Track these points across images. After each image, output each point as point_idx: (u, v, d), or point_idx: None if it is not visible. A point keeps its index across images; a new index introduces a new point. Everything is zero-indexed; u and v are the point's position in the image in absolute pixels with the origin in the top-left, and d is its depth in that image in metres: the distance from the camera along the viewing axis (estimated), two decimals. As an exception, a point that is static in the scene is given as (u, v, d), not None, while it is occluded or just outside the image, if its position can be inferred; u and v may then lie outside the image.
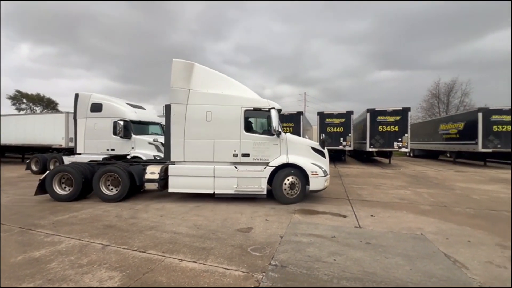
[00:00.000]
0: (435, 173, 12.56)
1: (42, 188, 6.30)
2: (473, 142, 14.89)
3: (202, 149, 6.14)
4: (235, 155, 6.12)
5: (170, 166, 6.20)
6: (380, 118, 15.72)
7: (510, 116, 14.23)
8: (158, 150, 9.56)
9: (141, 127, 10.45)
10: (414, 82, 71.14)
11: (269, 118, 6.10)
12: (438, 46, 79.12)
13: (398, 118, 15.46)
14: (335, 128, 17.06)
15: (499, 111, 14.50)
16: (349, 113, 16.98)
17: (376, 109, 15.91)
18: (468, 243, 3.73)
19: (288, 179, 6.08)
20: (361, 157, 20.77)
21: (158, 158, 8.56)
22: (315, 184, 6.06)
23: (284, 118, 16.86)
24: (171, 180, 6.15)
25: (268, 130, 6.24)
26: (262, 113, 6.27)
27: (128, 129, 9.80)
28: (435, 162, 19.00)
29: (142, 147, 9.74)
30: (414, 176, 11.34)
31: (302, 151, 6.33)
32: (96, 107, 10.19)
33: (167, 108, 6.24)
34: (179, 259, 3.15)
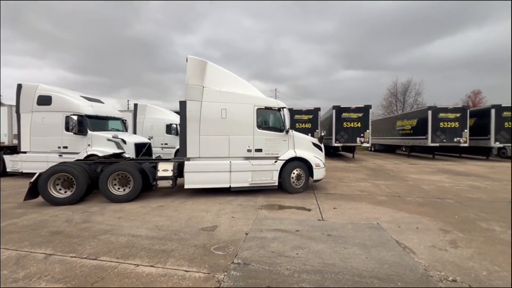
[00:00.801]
0: (392, 166, 13.64)
1: (33, 192, 5.55)
2: (424, 137, 16.47)
3: (217, 145, 6.34)
4: (249, 150, 6.51)
5: (187, 163, 6.15)
6: (344, 114, 16.57)
7: (454, 114, 15.99)
8: (119, 147, 8.89)
9: (99, 122, 9.55)
10: (376, 82, 76.41)
11: (280, 117, 6.75)
12: (395, 49, 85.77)
13: (360, 115, 16.43)
14: (304, 124, 17.56)
15: (445, 110, 16.21)
16: (317, 109, 17.60)
17: (341, 106, 16.72)
18: (416, 229, 4.08)
19: (295, 172, 6.75)
20: (328, 152, 21.74)
21: (127, 155, 8.09)
22: (318, 174, 6.90)
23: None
24: (187, 177, 6.12)
25: (277, 127, 6.77)
26: (272, 111, 6.77)
27: (83, 124, 8.93)
28: (392, 156, 20.67)
29: (100, 144, 8.96)
30: (374, 169, 12.18)
31: (305, 146, 7.07)
32: (44, 100, 9.10)
33: (182, 104, 6.20)
34: (135, 264, 2.93)
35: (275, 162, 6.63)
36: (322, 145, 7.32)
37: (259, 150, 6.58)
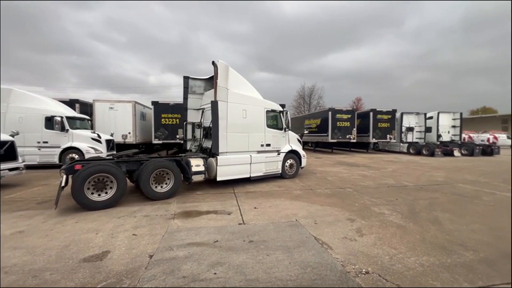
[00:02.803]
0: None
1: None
2: (325, 134, 19.13)
3: (240, 141, 7.20)
4: (262, 145, 7.68)
5: (220, 158, 6.64)
6: None
7: (346, 115, 19.24)
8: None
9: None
10: (286, 85, 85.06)
11: (281, 118, 8.25)
12: (299, 58, 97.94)
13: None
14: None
15: (341, 111, 19.30)
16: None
17: None
18: (329, 222, 4.29)
19: (288, 161, 8.46)
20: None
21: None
22: (304, 162, 9.01)
23: (170, 109, 15.26)
24: (220, 170, 6.62)
25: (279, 126, 8.21)
26: (275, 113, 8.18)
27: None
28: (302, 151, 23.15)
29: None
30: (288, 164, 13.08)
31: (295, 141, 8.84)
32: None
33: (214, 104, 6.61)
34: None
35: (278, 154, 8.12)
36: (301, 140, 9.55)
37: (268, 145, 7.84)
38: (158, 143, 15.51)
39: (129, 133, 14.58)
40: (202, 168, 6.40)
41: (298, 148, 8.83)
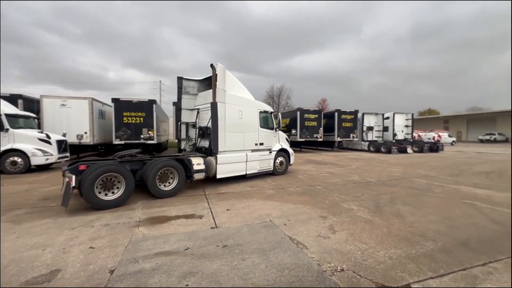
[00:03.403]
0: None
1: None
2: (295, 133, 19.63)
3: (236, 140, 7.48)
4: (256, 144, 8.11)
5: (219, 156, 6.92)
6: None
7: (313, 115, 19.98)
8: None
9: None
10: (255, 84, 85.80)
11: (272, 118, 8.82)
12: (268, 58, 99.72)
13: None
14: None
15: (308, 111, 19.96)
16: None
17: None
18: (303, 221, 4.32)
19: (279, 159, 9.01)
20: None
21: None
22: (292, 160, 9.60)
23: (133, 107, 14.18)
24: (219, 168, 6.91)
25: (270, 127, 8.72)
26: (267, 114, 8.66)
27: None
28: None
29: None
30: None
31: (284, 141, 9.45)
32: None
33: (214, 105, 6.82)
34: None
35: (270, 152, 8.63)
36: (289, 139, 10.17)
37: (262, 144, 8.30)
38: (119, 144, 14.31)
39: (86, 133, 13.21)
40: (202, 167, 6.64)
41: (287, 146, 9.45)
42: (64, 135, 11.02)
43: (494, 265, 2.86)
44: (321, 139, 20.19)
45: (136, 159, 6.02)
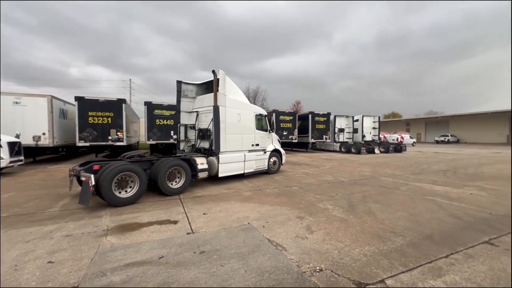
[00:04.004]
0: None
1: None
2: (271, 135, 19.81)
3: (236, 141, 7.97)
4: (252, 145, 8.65)
5: (221, 156, 7.46)
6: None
7: (289, 117, 20.37)
8: None
9: None
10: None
11: (266, 121, 9.40)
12: (243, 60, 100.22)
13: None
14: (165, 120, 15.88)
15: (284, 113, 20.32)
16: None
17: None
18: (281, 222, 4.33)
19: (272, 159, 9.57)
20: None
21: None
22: (284, 160, 10.32)
23: (100, 106, 13.22)
24: (221, 167, 7.45)
25: (265, 128, 9.31)
26: (261, 117, 9.23)
27: None
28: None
29: None
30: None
31: (276, 142, 10.09)
32: None
33: (216, 109, 7.29)
34: None
35: (265, 153, 9.22)
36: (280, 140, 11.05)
37: (257, 145, 8.86)
38: (84, 146, 13.23)
39: (44, 134, 12.01)
40: (206, 166, 7.11)
41: (279, 147, 10.13)
42: (17, 136, 9.92)
43: (455, 256, 3.11)
44: (296, 141, 20.66)
45: (145, 159, 6.41)
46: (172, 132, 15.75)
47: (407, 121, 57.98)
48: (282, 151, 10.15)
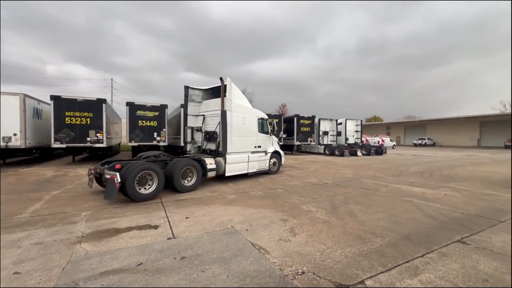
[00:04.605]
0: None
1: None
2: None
3: (240, 143, 8.65)
4: (255, 147, 9.30)
5: (228, 157, 8.08)
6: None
7: (275, 120, 20.49)
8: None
9: None
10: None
11: (267, 124, 9.99)
12: (228, 62, 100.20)
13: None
14: (148, 122, 15.43)
15: (269, 116, 20.42)
16: (163, 106, 16.06)
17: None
18: (265, 225, 4.31)
19: (272, 160, 10.13)
20: (176, 151, 20.81)
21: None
22: (283, 161, 10.89)
23: (78, 106, 12.61)
24: (228, 167, 8.06)
25: (266, 131, 9.89)
26: (263, 120, 9.81)
27: None
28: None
29: None
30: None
31: (276, 144, 10.72)
32: None
33: (223, 113, 7.90)
34: None
35: (266, 154, 9.78)
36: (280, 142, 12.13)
37: (259, 147, 9.47)
38: (60, 147, 12.55)
39: (15, 134, 11.28)
40: (214, 166, 7.64)
41: (279, 149, 10.73)
42: None
43: (430, 256, 3.24)
44: (281, 143, 20.80)
45: (160, 159, 6.94)
46: (155, 133, 15.36)
47: (387, 125, 60.32)
48: (282, 152, 10.72)
